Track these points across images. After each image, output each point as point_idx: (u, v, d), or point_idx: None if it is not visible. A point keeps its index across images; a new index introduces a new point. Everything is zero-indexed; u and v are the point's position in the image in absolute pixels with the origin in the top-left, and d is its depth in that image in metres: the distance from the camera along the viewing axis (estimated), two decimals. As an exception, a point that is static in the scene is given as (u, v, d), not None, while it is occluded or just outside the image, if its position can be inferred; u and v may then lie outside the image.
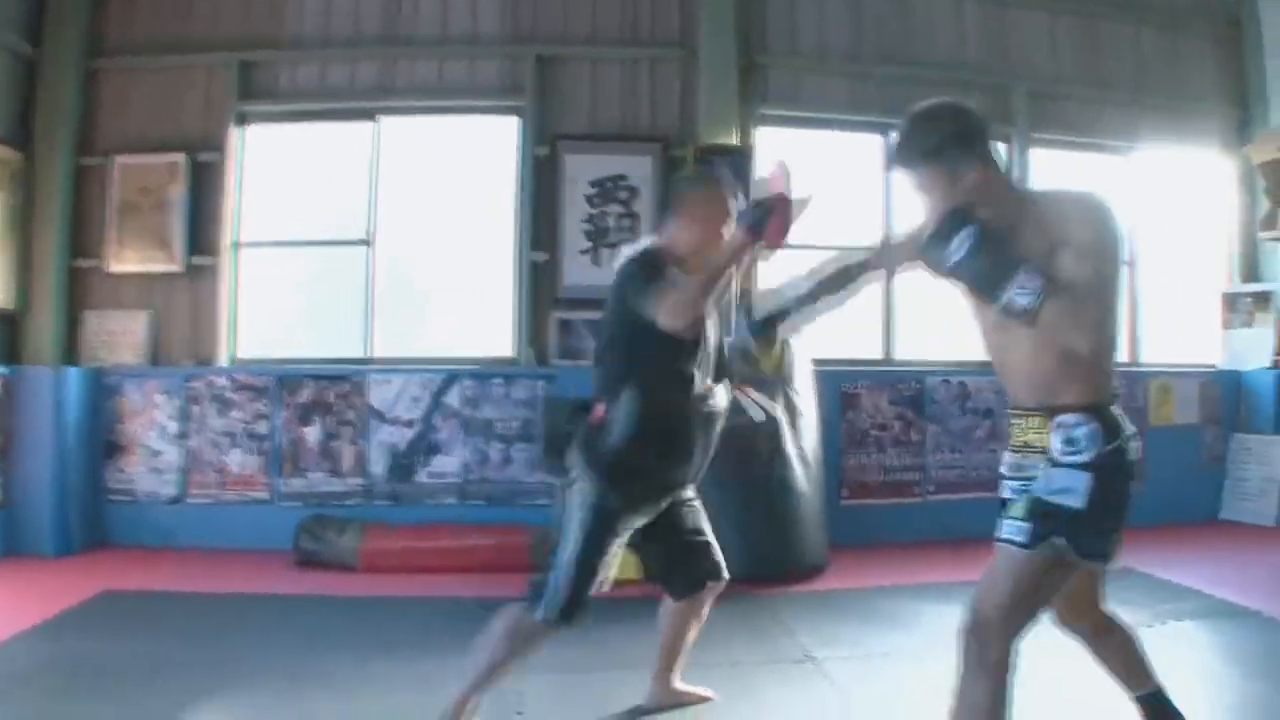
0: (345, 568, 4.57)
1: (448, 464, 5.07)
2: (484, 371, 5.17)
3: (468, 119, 5.52)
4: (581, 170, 5.34)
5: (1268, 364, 6.12)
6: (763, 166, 5.39)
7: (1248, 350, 6.27)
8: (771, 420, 4.46)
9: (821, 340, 5.31)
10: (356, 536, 4.65)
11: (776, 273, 3.60)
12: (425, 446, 5.07)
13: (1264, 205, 6.08)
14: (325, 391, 5.08)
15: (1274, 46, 6.30)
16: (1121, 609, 2.24)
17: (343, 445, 5.07)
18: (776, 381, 4.61)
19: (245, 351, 5.41)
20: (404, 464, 5.06)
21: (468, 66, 5.46)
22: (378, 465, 5.06)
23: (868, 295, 2.51)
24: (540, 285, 5.34)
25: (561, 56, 5.45)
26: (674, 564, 2.71)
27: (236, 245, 5.44)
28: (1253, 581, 4.40)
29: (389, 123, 5.49)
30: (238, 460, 5.05)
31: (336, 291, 5.48)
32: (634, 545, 2.59)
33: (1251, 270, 6.42)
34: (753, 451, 4.44)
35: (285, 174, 5.52)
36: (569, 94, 5.45)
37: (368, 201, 5.43)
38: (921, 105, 2.03)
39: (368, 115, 5.45)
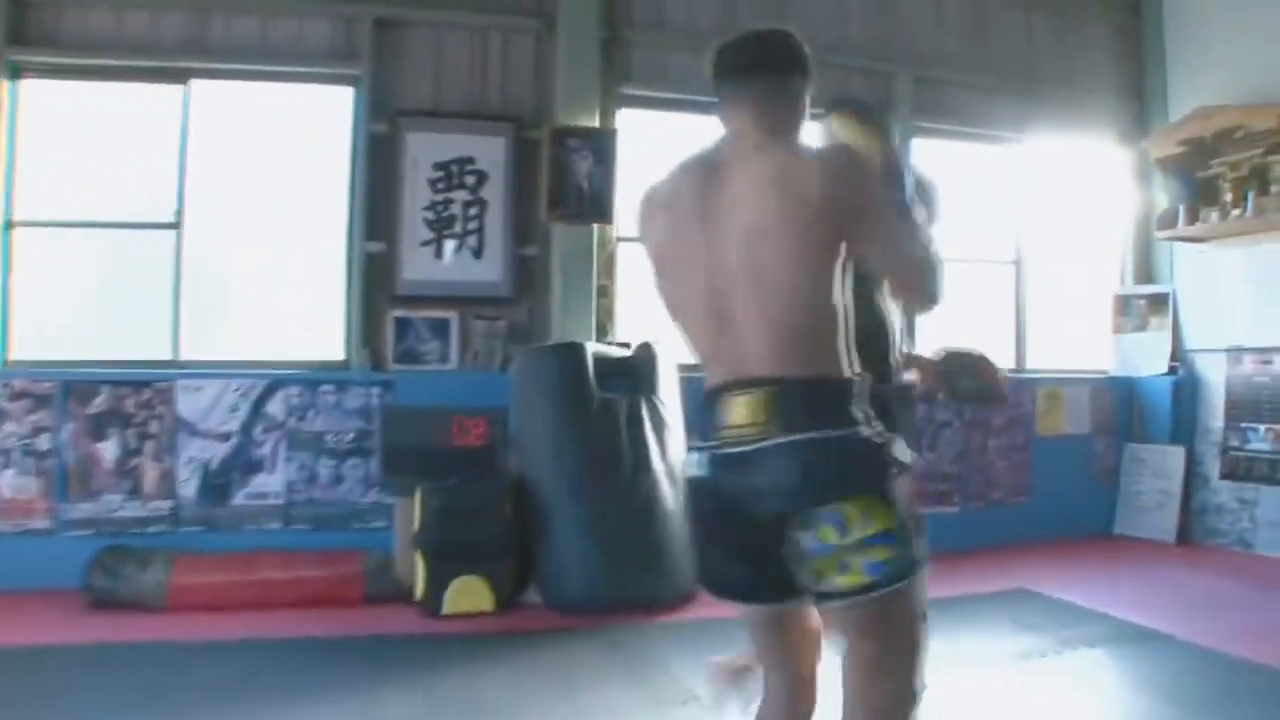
0: (149, 608, 4.55)
1: (270, 483, 5.16)
2: (312, 377, 5.28)
3: (295, 87, 5.58)
4: (424, 151, 5.50)
5: (1163, 370, 6.81)
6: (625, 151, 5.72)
7: (1141, 355, 6.98)
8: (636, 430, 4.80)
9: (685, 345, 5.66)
10: (162, 570, 4.64)
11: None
12: (244, 463, 5.13)
13: (1161, 202, 6.76)
14: (123, 400, 5.07)
15: (1176, 36, 6.98)
16: (1022, 634, 2.55)
17: (145, 463, 5.07)
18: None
19: (20, 352, 5.28)
20: (219, 484, 5.11)
21: (296, 26, 5.51)
22: (188, 486, 5.09)
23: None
24: (375, 280, 5.47)
25: (404, 21, 5.59)
26: None
27: (8, 225, 5.33)
28: (1156, 601, 4.89)
29: (202, 87, 5.48)
30: (10, 482, 4.96)
31: (137, 282, 5.45)
32: None
33: (1146, 271, 7.15)
34: (615, 467, 4.75)
35: (73, 142, 5.42)
36: (411, 64, 5.59)
37: (176, 178, 5.41)
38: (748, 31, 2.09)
39: (176, 77, 5.42)
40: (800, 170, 1.83)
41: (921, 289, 1.96)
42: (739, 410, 1.83)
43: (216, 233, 5.53)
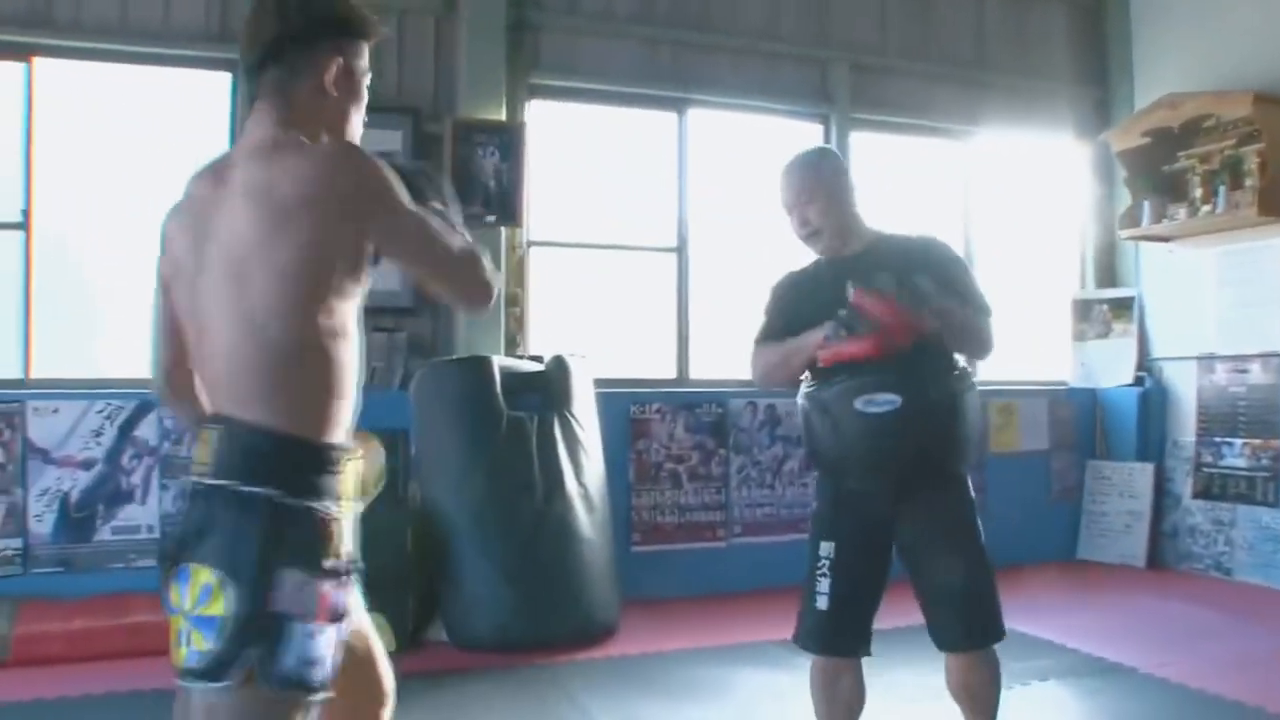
0: None
1: (140, 515, 5.31)
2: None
3: (162, 71, 5.72)
4: (312, 144, 5.68)
5: (1128, 380, 7.21)
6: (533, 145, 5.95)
7: (1104, 365, 7.38)
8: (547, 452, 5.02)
9: (603, 356, 5.92)
10: (6, 619, 4.71)
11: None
12: (110, 494, 5.28)
13: (1125, 199, 7.14)
14: (-38, 425, 5.16)
15: (1142, 16, 7.43)
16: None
17: (-12, 496, 5.16)
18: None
19: None
20: (80, 518, 5.24)
21: (161, 4, 5.65)
22: (41, 521, 5.20)
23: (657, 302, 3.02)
24: (260, 286, 5.61)
25: (286, 0, 5.78)
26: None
27: None
28: (1121, 631, 5.19)
29: (48, 66, 5.54)
30: None
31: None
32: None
33: (1108, 274, 7.60)
34: (526, 491, 4.96)
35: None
36: (296, 48, 5.78)
37: (20, 171, 5.45)
38: None
39: (17, 53, 5.48)
40: (282, 169, 1.79)
41: (463, 286, 1.98)
42: (198, 448, 1.83)
43: (74, 234, 5.62)
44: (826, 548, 2.89)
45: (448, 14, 6.02)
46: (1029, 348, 7.53)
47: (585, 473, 5.21)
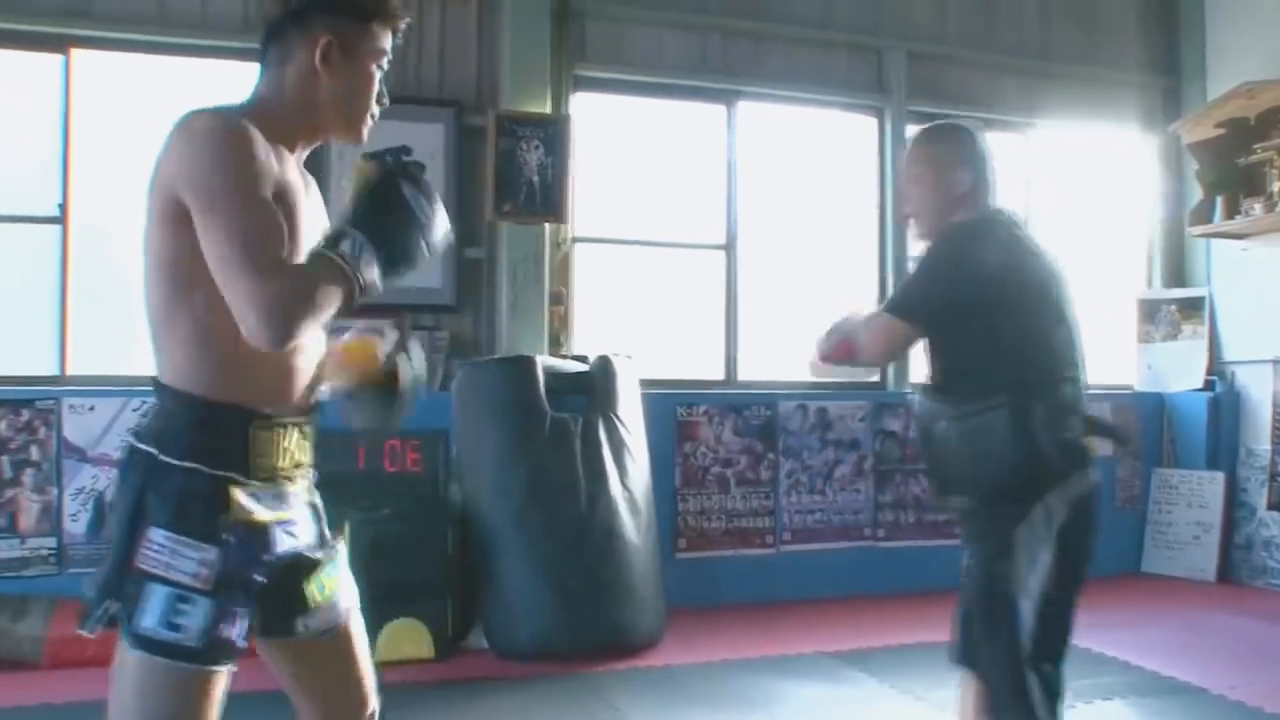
0: (23, 664, 4.64)
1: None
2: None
3: (199, 63, 5.75)
4: (354, 138, 5.68)
5: (1198, 384, 7.07)
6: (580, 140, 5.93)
7: (1172, 368, 7.24)
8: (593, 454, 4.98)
9: (650, 356, 5.88)
10: (40, 620, 4.75)
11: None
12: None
13: (1195, 194, 7.02)
14: (-3, 421, 5.21)
15: (1219, 0, 7.25)
16: None
17: (23, 495, 5.20)
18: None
19: None
20: (114, 518, 5.23)
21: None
22: (76, 521, 5.23)
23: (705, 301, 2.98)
24: (303, 283, 5.62)
25: (328, -9, 5.78)
26: None
27: None
28: (1189, 649, 5.08)
29: (85, 57, 5.59)
30: None
31: (12, 285, 5.55)
32: None
33: (1176, 272, 7.46)
34: (570, 495, 4.92)
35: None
36: (333, 36, 5.78)
37: (58, 164, 5.51)
38: None
39: (55, 45, 5.55)
40: (166, 144, 1.81)
41: (239, 313, 1.72)
42: None
43: (113, 229, 5.66)
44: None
45: (491, 3, 6.00)
46: (1092, 349, 7.35)
47: (630, 476, 5.17)
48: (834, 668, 4.81)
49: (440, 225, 1.92)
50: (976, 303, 2.63)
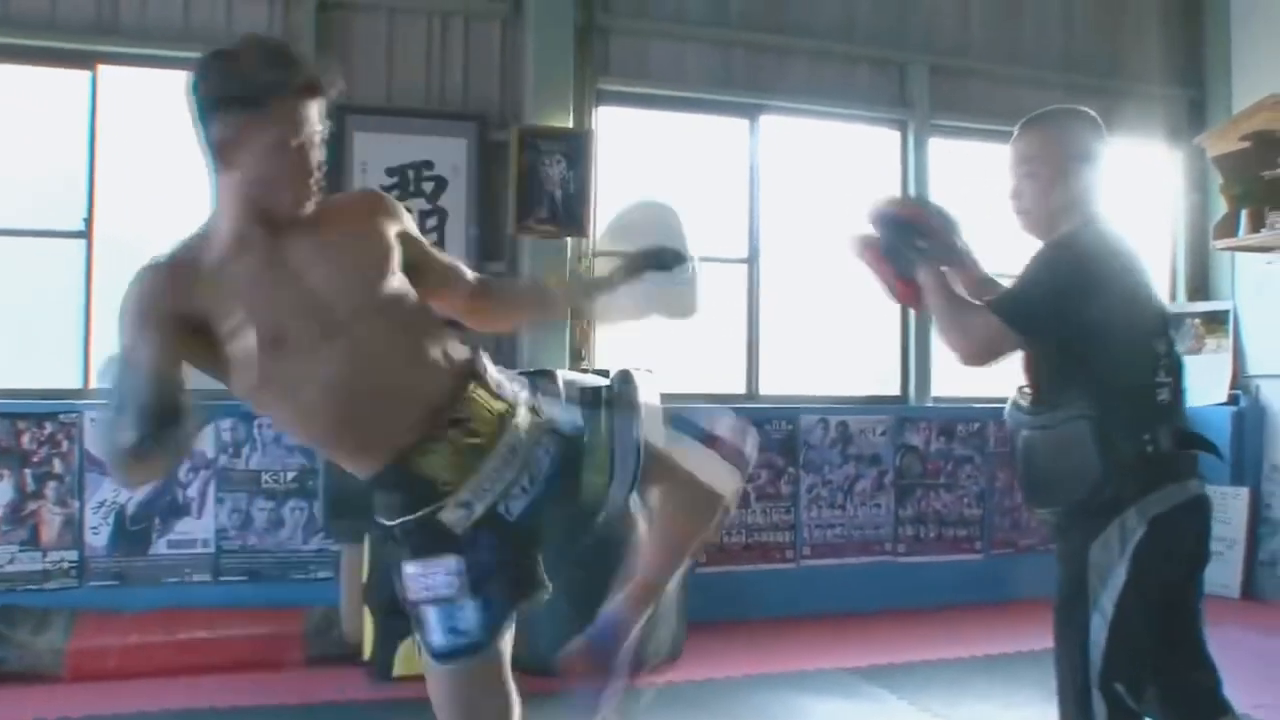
0: (45, 677, 4.66)
1: (197, 529, 5.36)
2: (247, 408, 5.40)
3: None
4: (376, 153, 5.76)
5: (1222, 399, 7.03)
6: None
7: (1195, 382, 7.09)
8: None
9: (671, 370, 5.88)
10: (61, 633, 4.79)
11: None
12: (166, 507, 5.33)
13: (1219, 207, 6.97)
14: (19, 434, 5.24)
15: (1244, 9, 7.25)
16: (1054, 700, 2.65)
17: (45, 507, 5.23)
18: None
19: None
20: (135, 531, 5.30)
21: (224, 8, 5.72)
22: (98, 534, 5.26)
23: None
24: (327, 296, 5.65)
25: (351, 4, 5.87)
26: None
27: None
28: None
29: (112, 74, 5.63)
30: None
31: (35, 298, 5.60)
32: None
33: (1200, 286, 7.43)
34: (583, 507, 4.91)
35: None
36: (361, 55, 5.86)
37: (84, 180, 5.55)
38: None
39: (83, 61, 5.59)
40: None
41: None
42: None
43: (137, 243, 5.64)
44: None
45: (514, 18, 6.02)
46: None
47: (650, 491, 5.14)
48: (854, 684, 4.80)
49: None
50: (1084, 318, 2.53)
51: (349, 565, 5.07)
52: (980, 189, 6.93)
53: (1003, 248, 3.12)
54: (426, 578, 2.08)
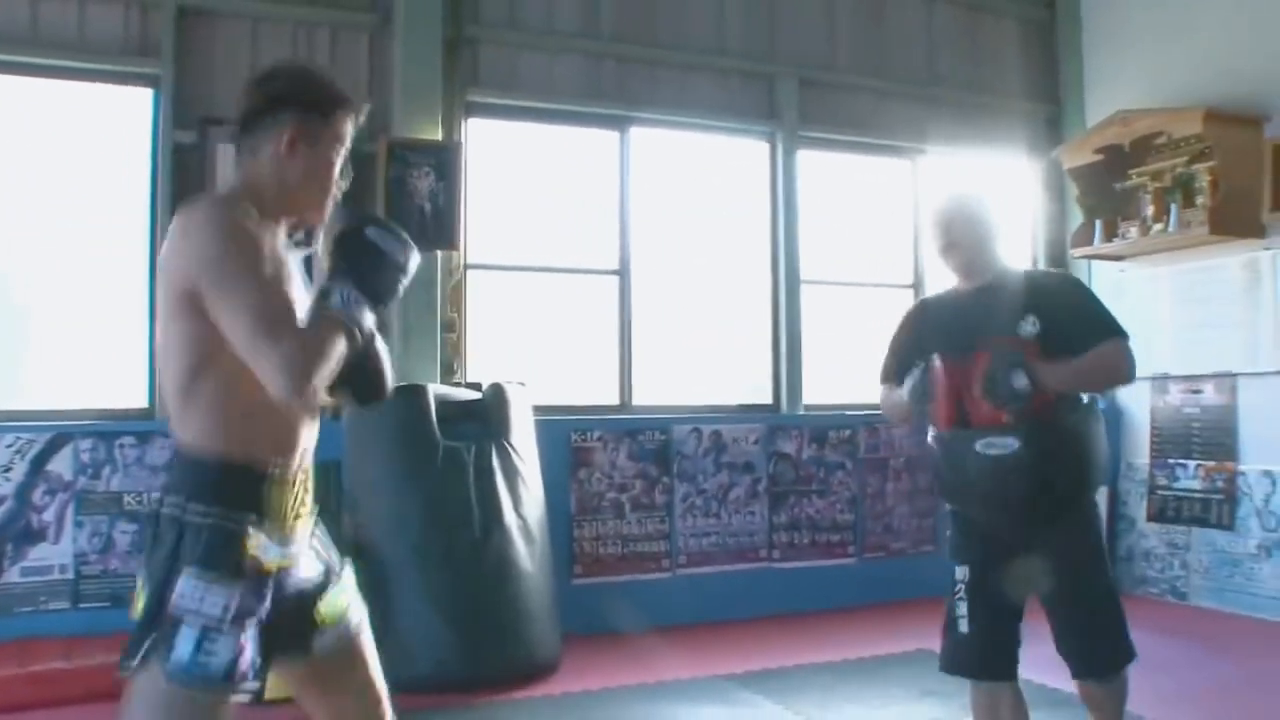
0: None
1: (54, 555, 5.19)
2: (108, 428, 5.36)
3: (80, 85, 5.62)
4: (239, 164, 5.60)
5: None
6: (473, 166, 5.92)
7: (1056, 385, 7.40)
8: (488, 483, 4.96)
9: (544, 383, 5.90)
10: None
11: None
12: (18, 533, 5.15)
13: (1076, 217, 7.26)
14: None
15: (1094, 30, 7.55)
16: (921, 701, 2.73)
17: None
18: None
19: None
20: (-15, 558, 5.12)
21: (76, 13, 5.54)
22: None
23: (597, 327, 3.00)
24: (184, 312, 5.52)
25: (213, 11, 5.76)
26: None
27: None
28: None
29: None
30: None
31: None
32: None
33: (1059, 292, 7.60)
34: (464, 524, 4.90)
35: None
36: (223, 62, 5.75)
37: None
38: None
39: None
40: (172, 231, 2.07)
41: (265, 376, 1.96)
42: None
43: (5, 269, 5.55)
44: (961, 572, 3.09)
45: (382, 28, 5.98)
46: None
47: (524, 504, 5.16)
48: (731, 690, 4.85)
49: (410, 254, 2.15)
50: None
51: (216, 587, 4.94)
52: (846, 197, 7.14)
53: (869, 256, 3.32)
54: (207, 594, 1.98)
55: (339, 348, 1.99)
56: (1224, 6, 6.56)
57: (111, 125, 5.70)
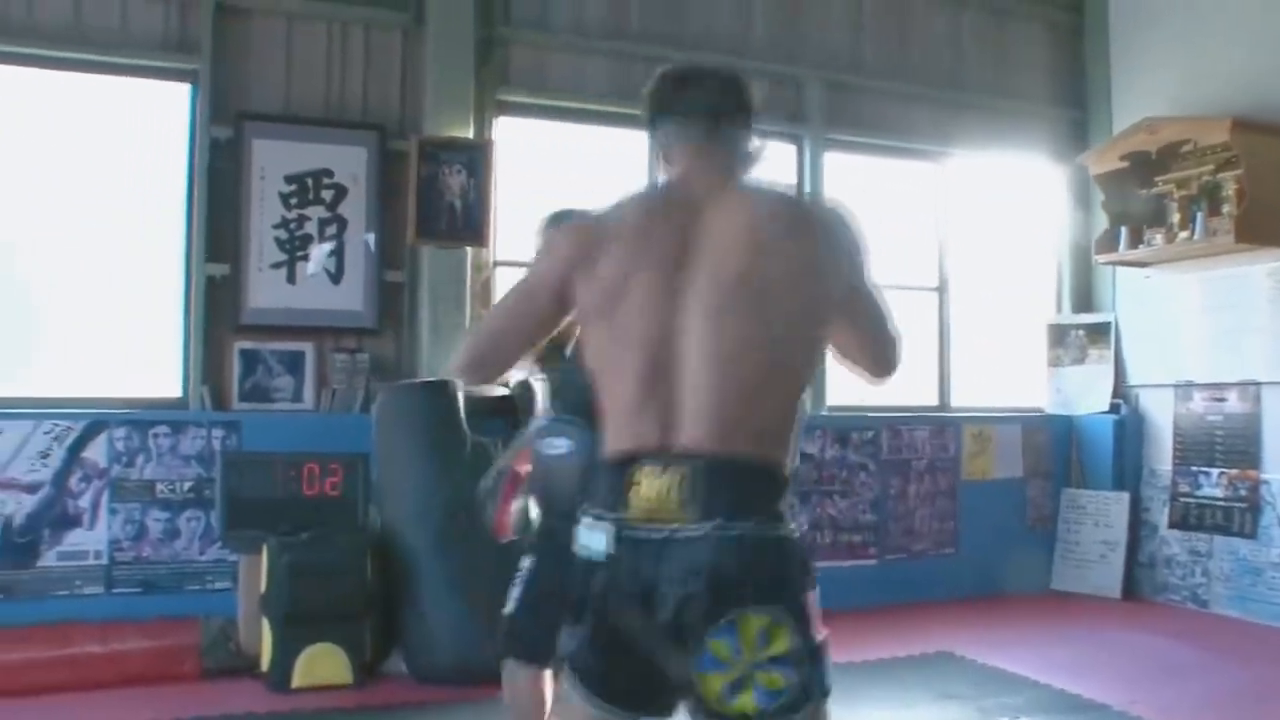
0: None
1: (89, 540, 5.25)
2: (142, 417, 5.42)
3: (118, 80, 5.69)
4: (275, 161, 5.71)
5: (1104, 407, 7.27)
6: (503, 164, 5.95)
7: (1080, 391, 7.44)
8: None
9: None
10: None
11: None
12: (56, 518, 5.21)
13: (1102, 223, 7.22)
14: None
15: (1121, 37, 7.51)
16: (941, 704, 2.70)
17: (-74, 519, 5.09)
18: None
19: None
20: (23, 543, 5.17)
21: (118, 9, 5.60)
22: (-17, 545, 5.14)
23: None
24: (218, 307, 5.65)
25: (250, 9, 5.81)
26: None
27: None
28: (1097, 666, 5.20)
29: (4, 74, 5.51)
30: None
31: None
32: None
33: (1085, 299, 7.67)
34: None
35: None
36: (260, 60, 5.82)
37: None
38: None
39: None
40: (797, 224, 2.03)
41: (888, 363, 2.19)
42: (652, 484, 1.87)
43: (19, 248, 5.59)
44: (526, 561, 3.31)
45: (415, 28, 6.01)
46: (1004, 373, 7.61)
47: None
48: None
49: None
50: None
51: (247, 575, 5.01)
52: (872, 199, 7.14)
53: (894, 259, 3.25)
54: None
55: None
56: (1252, 16, 6.53)
57: (150, 119, 5.75)
